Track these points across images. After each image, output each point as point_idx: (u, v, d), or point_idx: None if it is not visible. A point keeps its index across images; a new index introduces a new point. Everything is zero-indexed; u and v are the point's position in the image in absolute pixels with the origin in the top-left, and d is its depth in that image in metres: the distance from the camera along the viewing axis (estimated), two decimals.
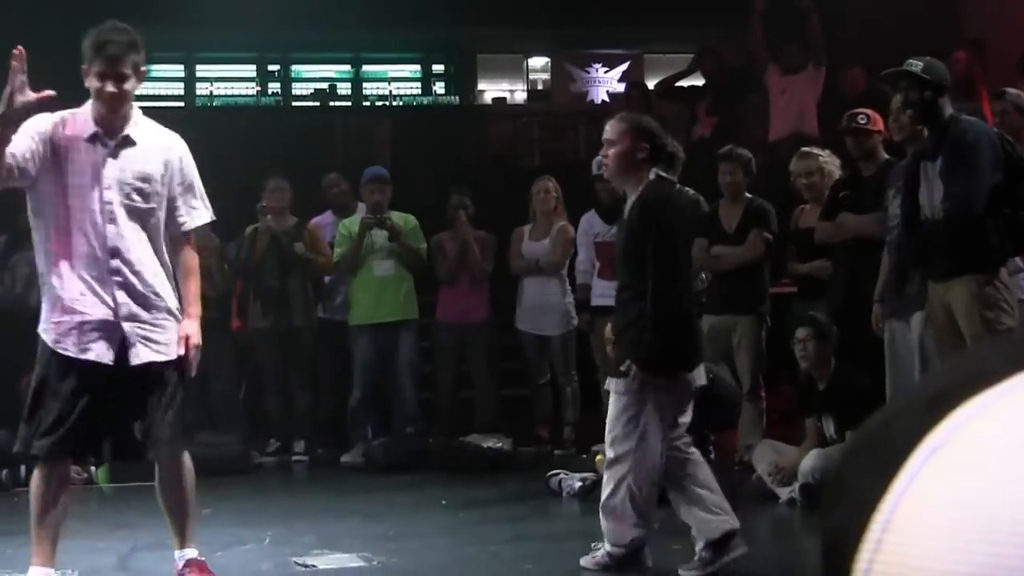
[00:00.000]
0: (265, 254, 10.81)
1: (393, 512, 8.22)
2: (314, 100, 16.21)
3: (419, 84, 16.93)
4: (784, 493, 8.19)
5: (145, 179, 5.62)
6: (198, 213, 5.85)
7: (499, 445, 10.11)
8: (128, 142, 5.62)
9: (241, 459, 10.30)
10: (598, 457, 7.88)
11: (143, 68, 5.62)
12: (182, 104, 15.89)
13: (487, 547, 6.92)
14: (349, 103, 16.44)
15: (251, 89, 16.41)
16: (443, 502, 8.56)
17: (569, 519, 8.36)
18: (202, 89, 16.21)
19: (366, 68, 16.84)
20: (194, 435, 6.41)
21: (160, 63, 16.34)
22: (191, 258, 5.85)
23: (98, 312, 5.53)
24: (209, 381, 10.83)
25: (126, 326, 5.57)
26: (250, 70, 16.54)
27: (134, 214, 5.59)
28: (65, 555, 6.92)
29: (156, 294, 5.65)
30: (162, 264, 5.73)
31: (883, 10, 12.85)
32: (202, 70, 16.18)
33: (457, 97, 16.63)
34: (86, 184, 5.53)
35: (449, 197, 11.32)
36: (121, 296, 5.56)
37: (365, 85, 16.76)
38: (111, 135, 5.60)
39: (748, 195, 9.63)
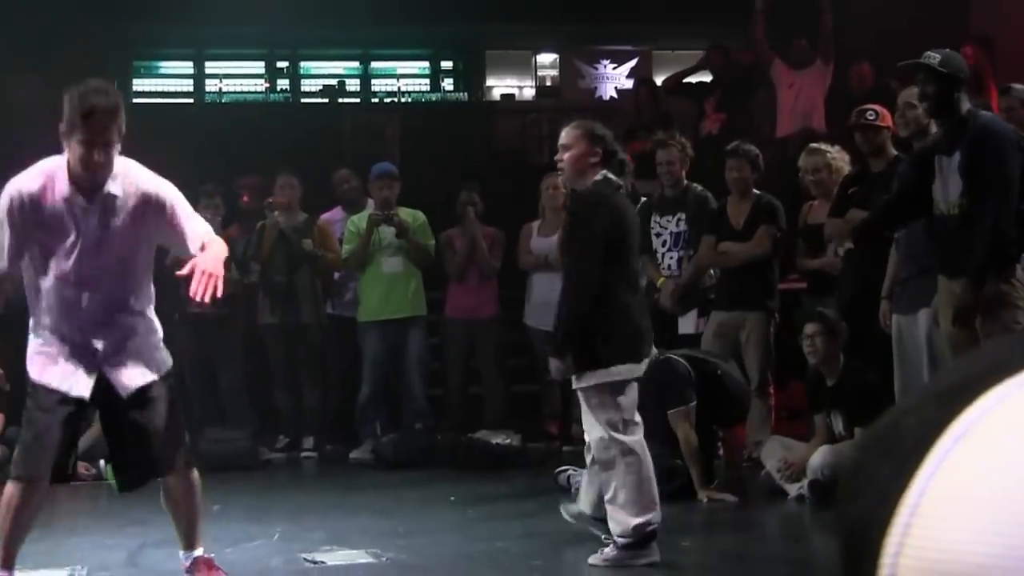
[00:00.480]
0: (273, 250, 10.81)
1: (402, 508, 8.22)
2: (323, 97, 16.20)
3: (428, 80, 16.90)
4: (793, 489, 8.17)
5: (125, 229, 5.47)
6: (202, 232, 5.64)
7: (508, 441, 10.11)
8: (108, 198, 5.44)
9: (250, 455, 10.31)
10: None
11: (123, 129, 5.39)
12: (191, 101, 15.89)
13: (496, 544, 6.92)
14: (358, 100, 16.41)
15: (260, 86, 16.39)
16: (452, 498, 8.56)
17: None
18: (211, 86, 16.19)
19: (375, 65, 16.82)
20: (201, 435, 6.44)
21: (169, 60, 16.38)
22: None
23: (81, 362, 5.53)
24: (218, 377, 10.86)
25: (107, 368, 5.55)
26: (259, 67, 16.52)
27: (118, 264, 5.53)
28: (74, 551, 6.94)
29: (137, 332, 5.63)
30: (148, 301, 5.70)
31: (891, 6, 12.81)
32: (211, 67, 16.16)
33: (466, 94, 16.61)
34: (66, 245, 5.44)
35: (458, 193, 11.31)
36: (99, 344, 5.53)
37: (374, 82, 16.74)
38: (91, 192, 5.44)
39: (756, 191, 9.61)
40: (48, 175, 5.44)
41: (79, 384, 5.51)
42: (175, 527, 5.88)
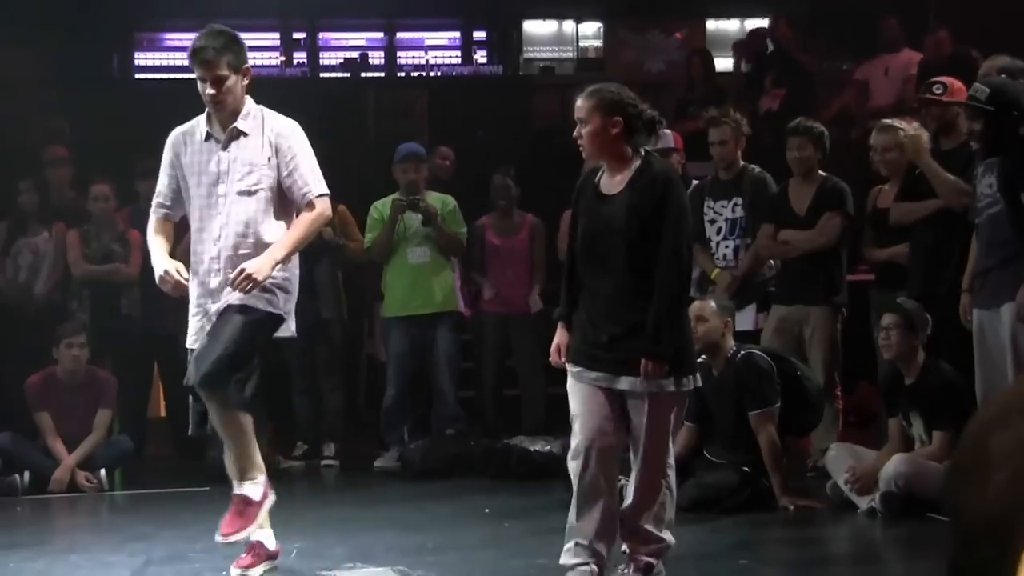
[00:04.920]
0: None
1: (431, 522, 8.23)
2: (344, 71, 16.20)
3: (459, 53, 16.88)
4: (864, 502, 8.13)
5: (252, 164, 6.48)
6: (312, 186, 6.55)
7: (548, 448, 10.09)
8: (237, 134, 6.50)
9: (265, 463, 10.31)
10: None
11: (247, 65, 6.52)
12: None
13: (535, 560, 6.91)
14: (382, 74, 16.41)
15: (275, 59, 16.42)
16: (486, 511, 8.56)
17: None
18: None
19: (400, 35, 16.80)
20: (211, 443, 6.63)
21: (174, 31, 16.40)
22: (305, 214, 6.55)
23: (204, 302, 6.52)
24: None
25: (212, 307, 6.48)
26: (274, 38, 16.54)
27: (244, 197, 6.48)
28: (73, 570, 6.98)
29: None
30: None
31: None
32: None
33: (501, 67, 16.57)
34: (203, 183, 6.53)
35: (491, 177, 11.30)
36: (215, 282, 6.47)
37: (399, 54, 16.72)
38: (223, 130, 6.51)
39: (821, 173, 9.57)
40: (196, 120, 6.62)
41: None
42: None
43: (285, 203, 6.57)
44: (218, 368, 6.30)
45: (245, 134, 6.51)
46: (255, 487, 6.62)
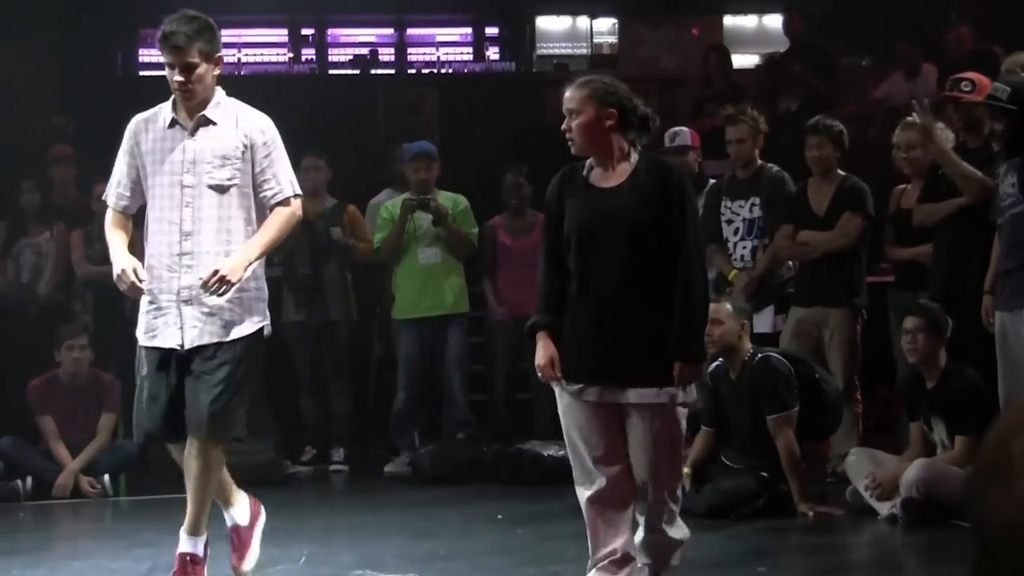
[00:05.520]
0: (297, 240, 10.79)
1: (442, 528, 8.22)
2: (353, 67, 16.19)
3: (470, 49, 16.87)
4: (884, 508, 8.10)
5: (225, 157, 6.29)
6: (285, 187, 6.41)
7: (561, 453, 10.02)
8: (206, 122, 6.32)
9: (273, 469, 10.31)
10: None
11: (219, 54, 6.34)
12: None
13: (548, 567, 6.90)
14: (392, 71, 16.39)
15: (282, 55, 16.41)
16: (499, 517, 8.55)
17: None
18: (228, 56, 16.21)
19: (411, 32, 16.78)
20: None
21: None
22: (277, 212, 6.38)
23: (162, 298, 6.27)
24: None
25: (186, 310, 6.23)
26: (281, 34, 16.54)
27: (216, 193, 6.28)
28: None
29: None
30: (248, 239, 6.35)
31: None
32: (228, 35, 16.12)
33: (513, 63, 16.55)
34: (165, 171, 6.30)
35: (504, 176, 11.28)
36: (186, 280, 6.23)
37: (410, 50, 16.71)
38: (189, 118, 6.32)
39: (841, 172, 9.53)
40: (159, 107, 6.43)
41: (164, 336, 6.36)
42: None
43: (258, 201, 6.39)
44: (226, 415, 6.23)
45: (214, 123, 6.32)
46: (241, 510, 6.59)
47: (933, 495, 7.72)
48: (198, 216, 6.25)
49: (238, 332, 6.26)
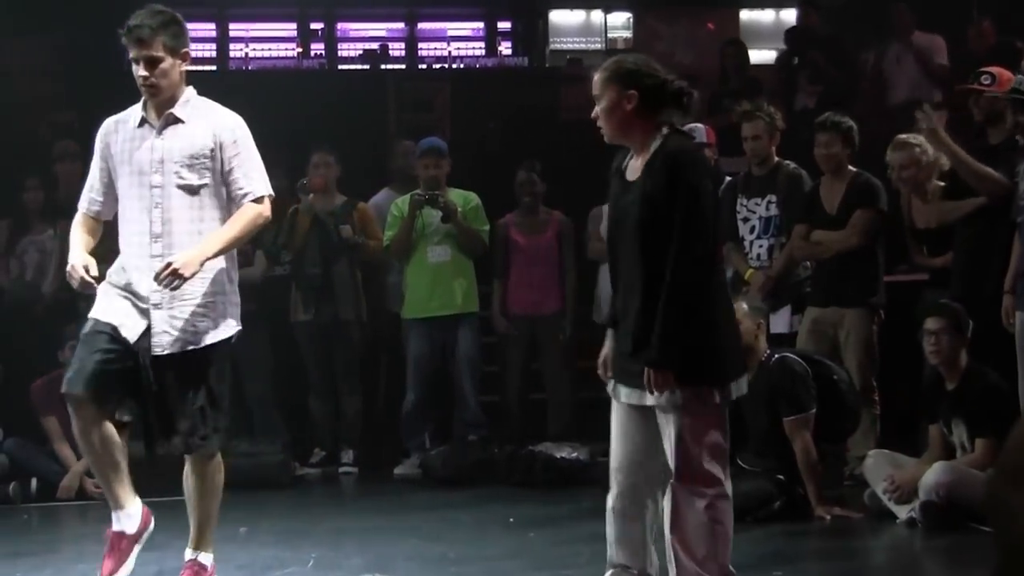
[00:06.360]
0: (307, 238, 10.82)
1: (453, 531, 8.22)
2: (363, 62, 16.21)
3: (482, 44, 16.88)
4: (903, 512, 8.10)
5: (193, 156, 6.18)
6: (255, 186, 6.27)
7: (574, 455, 10.08)
8: (174, 120, 6.24)
9: (281, 471, 10.34)
10: None
11: (186, 50, 6.34)
12: (214, 68, 15.81)
13: (562, 572, 6.90)
14: (403, 66, 16.40)
15: (292, 50, 16.43)
16: (511, 520, 8.55)
17: None
18: (236, 51, 16.23)
19: (422, 26, 16.80)
20: (229, 437, 6.51)
21: (188, 21, 16.38)
22: (243, 209, 6.23)
23: (136, 299, 6.15)
24: (243, 382, 10.83)
25: (155, 314, 6.12)
26: (291, 29, 16.55)
27: (186, 194, 6.17)
28: None
29: (200, 279, 6.13)
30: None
31: None
32: (236, 29, 16.18)
33: (526, 58, 16.56)
34: (134, 171, 6.21)
35: (516, 172, 11.29)
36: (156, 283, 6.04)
37: (421, 45, 16.73)
38: (158, 116, 6.25)
39: (852, 169, 9.52)
40: (131, 109, 6.39)
41: (129, 327, 6.20)
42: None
43: (229, 202, 6.28)
44: (209, 434, 6.24)
45: (182, 121, 6.23)
46: (132, 518, 6.47)
47: (953, 498, 7.72)
48: (168, 218, 6.14)
49: (211, 338, 6.22)
